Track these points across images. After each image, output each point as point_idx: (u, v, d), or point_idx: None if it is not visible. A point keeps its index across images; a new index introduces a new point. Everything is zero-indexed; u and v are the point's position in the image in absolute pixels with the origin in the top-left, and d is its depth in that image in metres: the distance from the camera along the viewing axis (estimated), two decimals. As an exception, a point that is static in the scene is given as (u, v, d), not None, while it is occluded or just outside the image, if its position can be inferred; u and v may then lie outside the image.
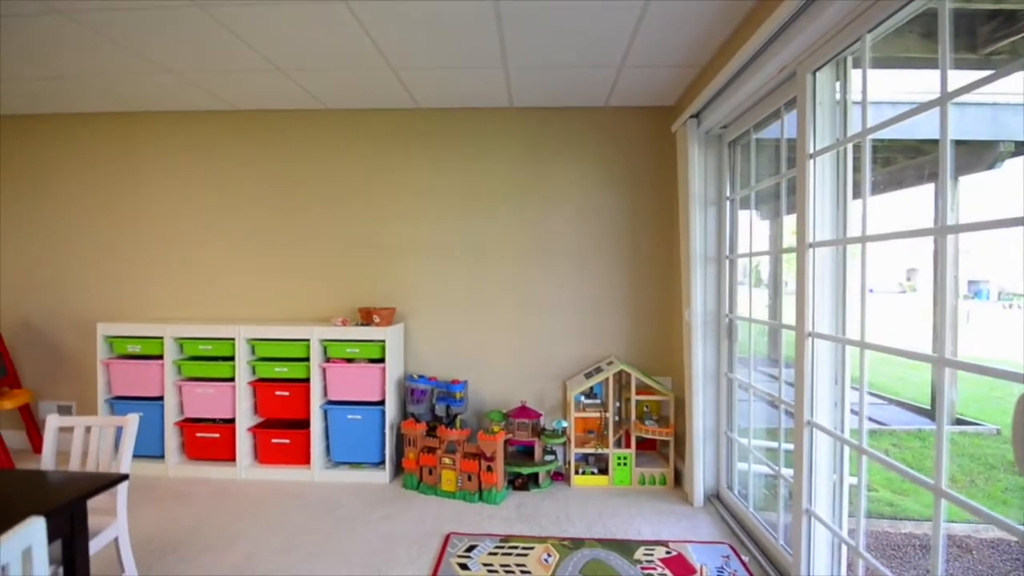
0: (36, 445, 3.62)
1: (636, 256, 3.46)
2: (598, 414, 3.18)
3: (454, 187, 3.51)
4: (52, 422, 1.95)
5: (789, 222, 2.30)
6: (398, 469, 3.27)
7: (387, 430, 3.14)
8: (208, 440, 3.23)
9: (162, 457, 3.23)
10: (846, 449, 1.86)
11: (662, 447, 3.32)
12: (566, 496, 2.97)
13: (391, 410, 3.18)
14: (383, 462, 3.19)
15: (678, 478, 3.12)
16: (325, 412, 3.21)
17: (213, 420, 3.27)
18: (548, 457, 3.13)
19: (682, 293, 2.95)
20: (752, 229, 2.66)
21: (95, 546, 1.75)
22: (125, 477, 1.69)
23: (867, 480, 1.83)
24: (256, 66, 2.82)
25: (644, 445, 3.26)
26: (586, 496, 2.97)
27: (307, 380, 3.19)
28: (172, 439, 3.23)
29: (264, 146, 3.58)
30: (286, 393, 3.20)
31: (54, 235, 3.68)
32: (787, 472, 2.16)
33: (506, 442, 3.03)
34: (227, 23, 2.34)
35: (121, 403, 3.24)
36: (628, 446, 3.12)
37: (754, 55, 2.05)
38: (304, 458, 3.19)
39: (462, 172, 3.51)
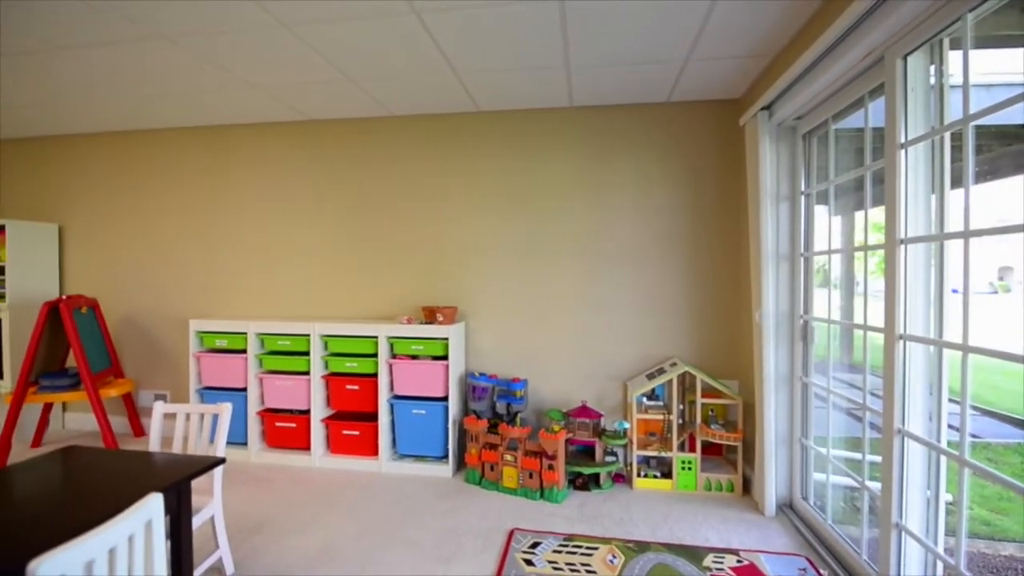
0: (136, 429, 4.00)
1: (699, 255, 3.36)
2: (661, 416, 3.12)
3: (513, 188, 3.56)
4: (158, 409, 2.15)
5: (871, 217, 2.16)
6: (460, 463, 3.35)
7: (450, 425, 3.23)
8: (286, 429, 3.45)
9: (245, 444, 3.48)
10: (942, 461, 1.73)
11: (729, 453, 3.20)
12: (628, 498, 2.93)
13: (453, 406, 3.26)
14: (446, 456, 3.29)
15: (747, 485, 3.00)
16: (392, 406, 3.35)
17: (290, 411, 3.49)
18: (609, 458, 3.11)
19: (751, 293, 2.84)
20: (830, 225, 2.51)
21: (195, 523, 1.92)
22: (222, 460, 1.84)
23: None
24: (330, 78, 2.98)
25: (710, 450, 3.16)
26: (649, 499, 2.92)
27: (375, 375, 3.34)
28: (254, 427, 3.47)
29: (334, 154, 3.78)
30: (356, 387, 3.36)
31: (152, 241, 4.06)
32: (872, 486, 2.03)
33: (567, 441, 3.03)
34: (309, 39, 2.49)
35: (210, 393, 3.53)
36: (693, 450, 3.04)
37: (836, 41, 1.94)
38: (372, 449, 3.34)
39: (521, 172, 3.55)
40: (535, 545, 2.37)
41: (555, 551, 2.32)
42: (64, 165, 4.20)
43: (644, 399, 3.17)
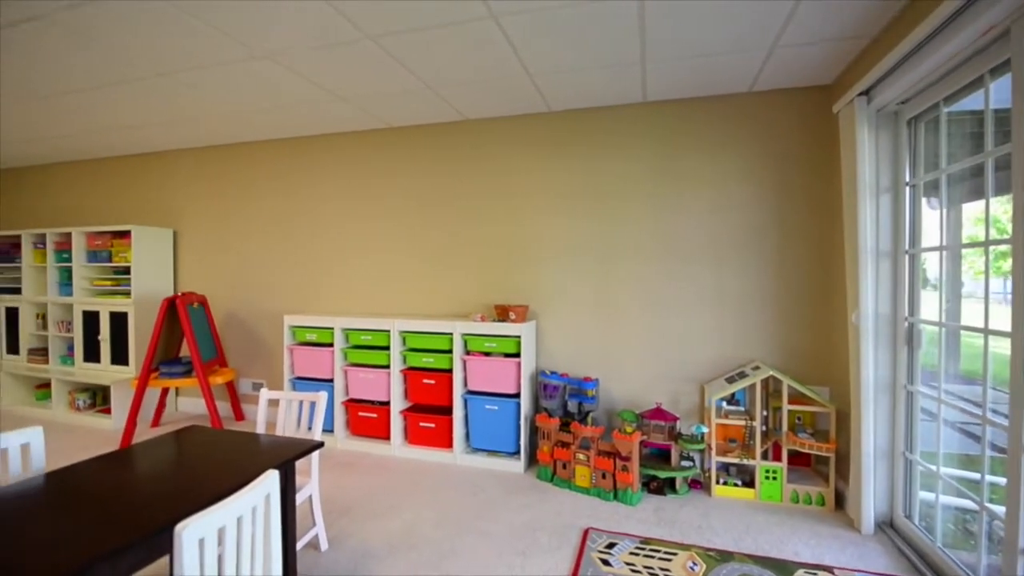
0: (237, 413, 4.40)
1: (784, 253, 3.18)
2: (742, 422, 2.98)
3: (585, 187, 3.54)
4: (263, 395, 2.37)
5: (991, 209, 1.94)
6: (531, 460, 3.39)
7: (521, 422, 3.28)
8: (368, 419, 3.65)
9: (332, 431, 3.73)
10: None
11: (818, 464, 3.01)
12: (707, 505, 2.84)
13: (525, 403, 3.31)
14: (518, 452, 3.34)
15: (839, 500, 2.80)
16: (465, 401, 3.45)
17: (371, 402, 3.69)
18: (685, 463, 3.02)
19: (846, 293, 2.65)
20: (943, 219, 2.29)
21: (297, 500, 2.09)
22: (321, 444, 2.00)
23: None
24: (412, 87, 3.13)
25: (797, 460, 2.98)
26: (729, 508, 2.80)
27: (450, 371, 3.46)
28: (339, 416, 3.71)
29: (412, 158, 3.95)
30: (432, 381, 3.50)
31: (251, 243, 4.45)
32: (994, 509, 1.83)
33: (641, 443, 2.98)
34: (393, 51, 2.63)
35: (301, 382, 3.81)
36: (778, 459, 2.88)
37: (950, 16, 1.77)
38: (447, 442, 3.46)
39: (592, 171, 3.53)
40: (611, 545, 2.35)
41: (632, 553, 2.29)
42: (178, 177, 4.70)
43: (724, 403, 3.04)
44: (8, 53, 2.64)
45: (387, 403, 3.63)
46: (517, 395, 3.33)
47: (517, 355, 3.33)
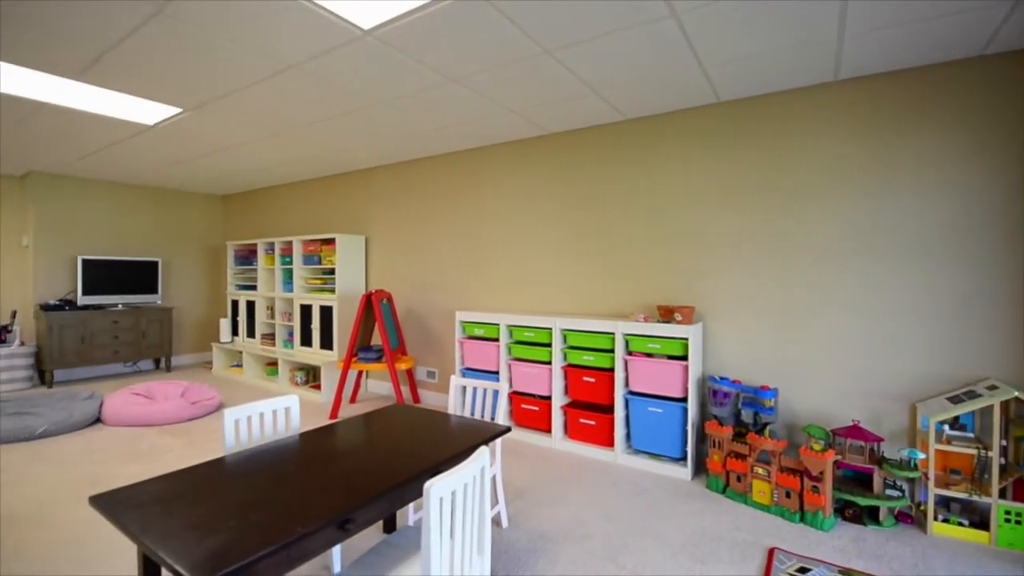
0: (414, 397, 4.97)
1: (1036, 248, 2.58)
2: (971, 451, 2.50)
3: (757, 180, 3.29)
4: (455, 382, 2.66)
5: None
6: (697, 467, 3.26)
7: (689, 427, 3.16)
8: (530, 411, 3.86)
9: (494, 420, 4.01)
10: None
11: (1089, 513, 2.38)
12: (921, 543, 2.44)
13: (692, 408, 3.19)
14: (684, 458, 3.23)
15: (1125, 563, 2.19)
16: (627, 401, 3.44)
17: (533, 395, 3.89)
18: (891, 491, 2.63)
19: None
20: None
21: (484, 478, 2.32)
22: (508, 429, 2.18)
23: None
24: (577, 93, 3.23)
25: (1054, 504, 2.40)
26: (954, 550, 2.37)
27: (611, 370, 3.49)
28: (503, 406, 3.97)
29: (571, 160, 4.07)
30: (592, 379, 3.56)
31: (427, 246, 5.00)
32: None
33: (834, 463, 2.68)
34: (567, 62, 2.76)
35: (469, 373, 4.17)
36: (1021, 500, 2.35)
37: None
38: (607, 440, 3.49)
39: (767, 162, 3.26)
40: (803, 570, 2.16)
41: (829, 582, 2.07)
42: (370, 191, 5.48)
43: (945, 427, 2.58)
44: (268, 96, 3.35)
45: (548, 397, 3.79)
46: (683, 399, 3.23)
47: (683, 358, 3.23)
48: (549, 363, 3.76)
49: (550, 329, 3.76)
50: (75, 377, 6.08)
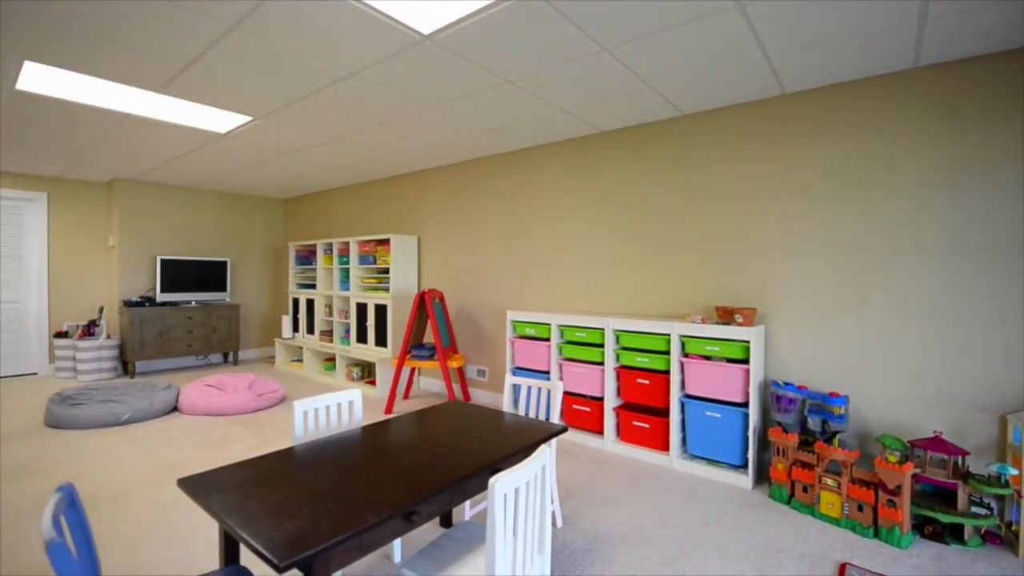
0: (465, 395, 5.04)
1: None
2: (1076, 469, 2.27)
3: (825, 175, 3.11)
4: (508, 380, 2.68)
5: None
6: (759, 476, 3.13)
7: (750, 434, 3.04)
8: (581, 412, 3.83)
9: (547, 419, 4.00)
10: None
11: None
12: (1011, 566, 2.23)
13: (753, 414, 3.06)
14: (744, 466, 3.11)
15: None
16: (683, 404, 3.35)
17: (584, 396, 3.86)
18: (978, 509, 2.42)
19: None
20: None
21: (539, 477, 2.32)
22: (566, 429, 2.17)
23: None
24: (633, 90, 3.18)
25: None
26: (1055, 578, 2.16)
27: (666, 372, 3.41)
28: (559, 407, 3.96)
29: (623, 158, 4.00)
30: (646, 381, 3.49)
31: (478, 247, 5.06)
32: None
33: (913, 477, 2.50)
34: (624, 58, 2.71)
35: (521, 372, 4.19)
36: None
37: None
38: (661, 444, 3.41)
39: (838, 158, 3.08)
40: (879, 588, 2.03)
41: (910, 603, 1.94)
42: (422, 192, 5.61)
43: (1044, 442, 2.36)
44: (329, 103, 3.49)
45: (599, 398, 3.75)
46: (743, 404, 3.11)
47: (744, 361, 3.11)
48: (601, 364, 3.72)
49: (602, 329, 3.71)
50: (153, 368, 6.57)
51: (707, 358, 3.27)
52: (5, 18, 2.35)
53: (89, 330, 6.06)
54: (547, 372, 4.01)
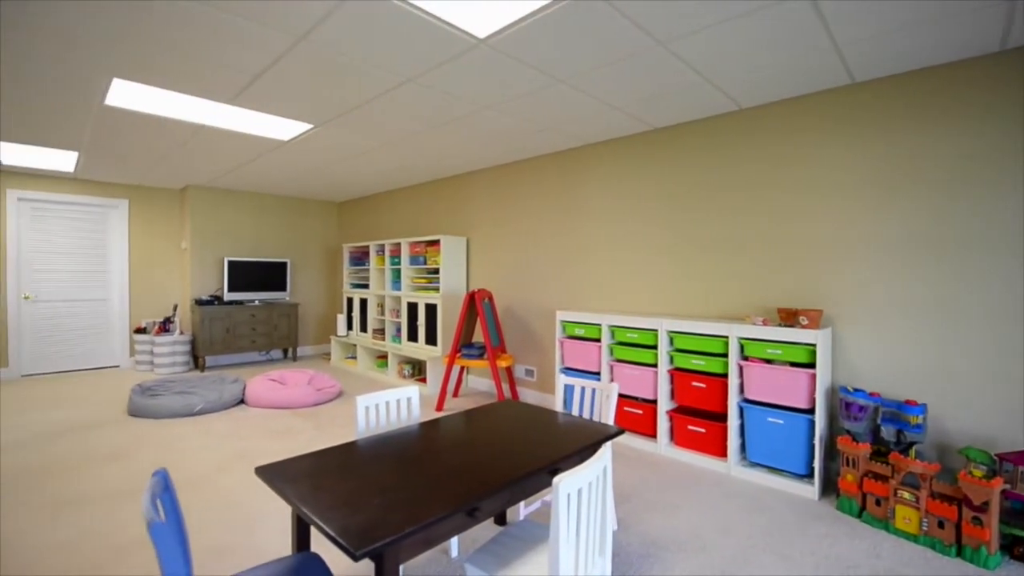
0: (513, 393, 5.06)
1: None
2: None
3: (898, 169, 2.91)
4: (560, 380, 2.67)
5: None
6: (825, 486, 2.97)
7: (816, 442, 2.90)
8: (633, 415, 3.77)
9: (599, 420, 3.96)
10: None
11: None
12: None
13: (820, 421, 2.91)
14: (809, 475, 2.97)
15: None
16: (741, 409, 3.23)
17: (636, 398, 3.79)
18: (1083, 532, 2.20)
19: None
20: None
21: (594, 478, 2.30)
22: (623, 431, 2.14)
23: None
24: (689, 84, 3.09)
25: None
26: None
27: (723, 375, 3.30)
28: (613, 409, 3.92)
29: (677, 156, 3.90)
30: (702, 385, 3.39)
31: (526, 247, 5.07)
32: None
33: (1002, 493, 2.30)
34: (680, 52, 2.65)
35: (570, 372, 4.17)
36: None
37: None
38: (718, 449, 3.30)
39: (914, 149, 2.87)
40: (967, 612, 1.88)
41: (1003, 630, 1.79)
42: (471, 193, 5.69)
43: None
44: (385, 109, 3.60)
45: (652, 401, 3.67)
46: (809, 410, 2.96)
47: (809, 365, 2.96)
48: (654, 366, 3.64)
49: (655, 331, 3.64)
50: (221, 363, 6.99)
51: (769, 362, 3.14)
52: (95, 39, 2.57)
53: (165, 326, 6.53)
54: (597, 373, 3.97)
